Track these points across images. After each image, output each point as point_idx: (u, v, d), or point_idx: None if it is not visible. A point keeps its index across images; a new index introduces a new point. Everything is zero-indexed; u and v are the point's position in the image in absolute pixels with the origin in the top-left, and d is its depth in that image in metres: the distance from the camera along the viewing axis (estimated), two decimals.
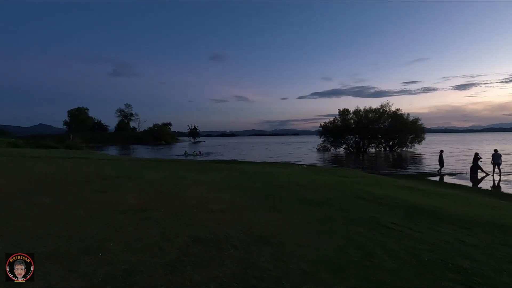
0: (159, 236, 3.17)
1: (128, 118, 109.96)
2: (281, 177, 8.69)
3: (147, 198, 5.05)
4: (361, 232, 3.58)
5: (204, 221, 3.81)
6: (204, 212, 4.32)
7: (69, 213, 3.93)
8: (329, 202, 5.28)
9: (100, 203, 4.60)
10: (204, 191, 5.99)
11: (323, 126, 37.02)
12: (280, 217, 4.22)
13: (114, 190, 5.68)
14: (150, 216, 3.93)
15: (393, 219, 4.23)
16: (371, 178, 9.53)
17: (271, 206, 4.85)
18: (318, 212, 4.59)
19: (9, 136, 43.39)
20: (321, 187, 6.93)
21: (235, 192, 6.03)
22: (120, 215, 3.92)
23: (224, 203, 4.94)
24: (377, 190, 6.91)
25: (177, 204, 4.75)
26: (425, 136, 35.69)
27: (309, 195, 5.87)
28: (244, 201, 5.25)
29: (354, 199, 5.65)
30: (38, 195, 5.01)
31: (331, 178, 8.76)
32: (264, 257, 2.74)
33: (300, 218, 4.21)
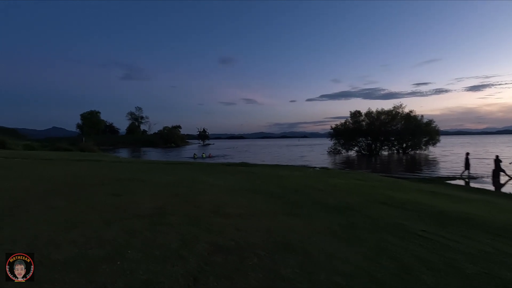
0: (178, 242, 3.01)
1: (138, 121, 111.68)
2: (296, 181, 8.47)
3: (163, 202, 4.92)
4: (392, 241, 3.34)
5: (223, 227, 3.65)
6: (222, 217, 4.15)
7: (85, 217, 3.83)
8: (350, 207, 5.03)
9: (116, 207, 4.50)
10: (220, 195, 5.84)
11: (334, 129, 36.43)
12: (301, 223, 4.01)
13: (129, 194, 5.59)
14: (168, 221, 3.79)
15: (423, 227, 3.96)
16: (389, 182, 9.18)
17: (290, 211, 4.65)
18: (340, 218, 4.36)
19: (24, 139, 44.68)
20: (339, 191, 6.68)
21: (251, 196, 5.86)
22: (137, 219, 3.79)
23: (241, 208, 4.76)
24: (398, 194, 6.61)
25: (194, 208, 4.61)
26: (440, 138, 34.73)
27: (327, 200, 5.64)
28: (261, 205, 5.06)
29: (377, 204, 5.39)
30: (54, 199, 4.96)
31: (347, 182, 8.47)
32: (291, 268, 2.55)
33: (322, 224, 3.99)
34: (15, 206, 4.39)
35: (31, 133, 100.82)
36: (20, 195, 5.16)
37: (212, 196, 5.66)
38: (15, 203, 4.54)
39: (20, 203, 4.59)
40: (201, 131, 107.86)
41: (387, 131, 33.91)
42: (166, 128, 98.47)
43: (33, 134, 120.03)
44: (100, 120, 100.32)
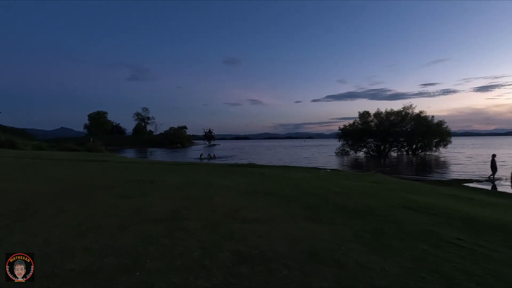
0: (199, 251, 2.81)
1: (145, 122, 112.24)
2: (309, 183, 8.22)
3: (176, 205, 4.73)
4: (428, 250, 3.08)
5: (243, 233, 3.43)
6: (240, 221, 3.94)
7: (97, 221, 3.65)
8: (373, 212, 4.77)
9: (129, 210, 4.32)
10: (233, 198, 5.63)
11: (342, 129, 35.90)
12: (325, 229, 3.77)
13: (140, 196, 5.42)
14: (184, 226, 3.59)
15: (457, 234, 3.68)
16: (406, 184, 8.87)
17: (310, 216, 4.41)
18: (365, 223, 4.10)
19: (33, 139, 45.16)
20: (357, 194, 6.41)
21: (265, 199, 5.64)
22: (152, 224, 3.60)
23: (258, 212, 4.55)
24: (419, 198, 6.32)
25: (209, 212, 4.41)
26: (451, 139, 33.99)
27: (347, 203, 5.38)
28: (278, 209, 4.84)
29: (400, 209, 5.11)
30: (65, 201, 4.81)
31: (363, 184, 8.19)
32: (326, 281, 2.31)
33: (347, 230, 3.74)
34: (25, 208, 4.25)
35: (39, 134, 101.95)
36: (30, 196, 5.02)
37: (226, 199, 5.46)
38: (25, 205, 4.40)
39: (31, 205, 4.44)
40: (207, 132, 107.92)
41: (396, 132, 33.30)
42: (172, 129, 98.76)
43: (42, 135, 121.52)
44: (107, 121, 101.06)
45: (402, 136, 33.79)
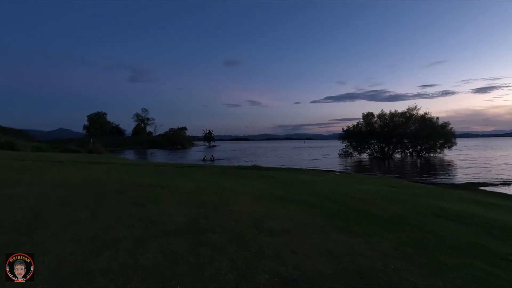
0: (233, 272, 2.47)
1: (144, 123, 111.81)
2: (324, 187, 7.89)
3: (192, 213, 4.40)
4: (486, 269, 2.76)
5: (275, 248, 3.10)
6: (267, 233, 3.60)
7: (112, 234, 3.32)
8: (405, 221, 4.44)
9: (144, 219, 3.98)
10: (252, 205, 5.29)
11: (345, 131, 35.60)
12: (360, 241, 3.44)
13: (153, 202, 5.08)
14: (208, 239, 3.25)
15: (509, 249, 3.36)
16: (424, 189, 8.54)
17: (340, 226, 4.08)
18: (400, 234, 3.78)
19: (32, 140, 44.67)
20: (380, 200, 6.08)
21: (285, 206, 5.31)
22: (172, 237, 3.26)
23: (283, 221, 4.21)
24: (446, 204, 6.00)
25: (230, 222, 4.07)
26: (456, 141, 33.70)
27: (373, 211, 5.06)
28: (303, 218, 4.51)
29: (431, 217, 4.79)
30: (73, 209, 4.47)
31: (380, 188, 7.87)
32: None
33: (385, 243, 3.42)
34: (33, 218, 3.91)
35: (38, 134, 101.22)
36: (37, 204, 4.67)
37: (243, 206, 5.12)
38: (32, 214, 4.06)
39: (38, 214, 4.10)
40: (207, 133, 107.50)
41: (400, 133, 32.99)
42: (172, 130, 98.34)
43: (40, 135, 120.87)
44: (106, 122, 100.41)
45: (406, 138, 33.51)
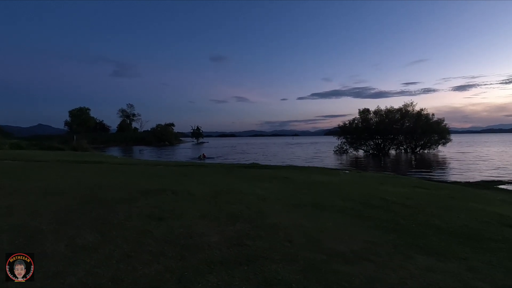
0: None
1: (130, 119, 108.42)
2: (350, 189, 7.20)
3: (229, 231, 3.57)
4: None
5: (360, 284, 2.34)
6: (341, 261, 2.82)
7: (134, 268, 2.46)
8: (483, 234, 3.79)
9: (170, 243, 3.12)
10: (291, 216, 4.48)
11: (341, 127, 35.30)
12: (463, 269, 2.73)
13: (172, 215, 4.19)
14: (274, 273, 2.45)
15: None
16: (453, 189, 8.00)
17: (415, 244, 3.38)
18: (492, 255, 3.13)
19: (10, 137, 41.85)
20: (426, 206, 5.43)
21: (326, 216, 4.57)
22: (224, 272, 2.44)
23: (343, 239, 3.47)
24: (498, 209, 5.44)
25: (283, 242, 3.28)
26: (450, 137, 34.10)
27: (432, 221, 4.39)
28: (360, 232, 3.78)
29: (499, 226, 4.19)
30: (76, 227, 3.53)
31: (409, 191, 7.26)
32: None
33: (487, 269, 2.75)
34: (28, 243, 2.97)
35: (15, 131, 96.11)
36: (29, 221, 3.69)
37: (282, 217, 4.31)
38: (25, 238, 3.11)
39: (32, 236, 3.16)
40: (195, 129, 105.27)
41: (396, 129, 33.01)
42: (160, 126, 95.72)
43: (18, 131, 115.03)
44: (90, 117, 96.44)
45: (402, 134, 33.59)
